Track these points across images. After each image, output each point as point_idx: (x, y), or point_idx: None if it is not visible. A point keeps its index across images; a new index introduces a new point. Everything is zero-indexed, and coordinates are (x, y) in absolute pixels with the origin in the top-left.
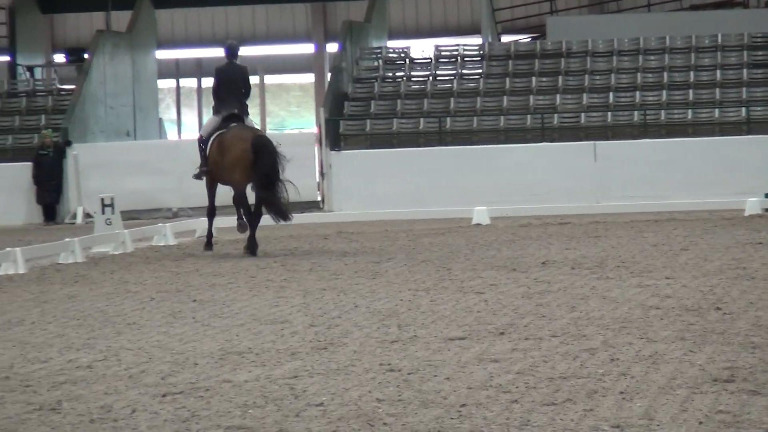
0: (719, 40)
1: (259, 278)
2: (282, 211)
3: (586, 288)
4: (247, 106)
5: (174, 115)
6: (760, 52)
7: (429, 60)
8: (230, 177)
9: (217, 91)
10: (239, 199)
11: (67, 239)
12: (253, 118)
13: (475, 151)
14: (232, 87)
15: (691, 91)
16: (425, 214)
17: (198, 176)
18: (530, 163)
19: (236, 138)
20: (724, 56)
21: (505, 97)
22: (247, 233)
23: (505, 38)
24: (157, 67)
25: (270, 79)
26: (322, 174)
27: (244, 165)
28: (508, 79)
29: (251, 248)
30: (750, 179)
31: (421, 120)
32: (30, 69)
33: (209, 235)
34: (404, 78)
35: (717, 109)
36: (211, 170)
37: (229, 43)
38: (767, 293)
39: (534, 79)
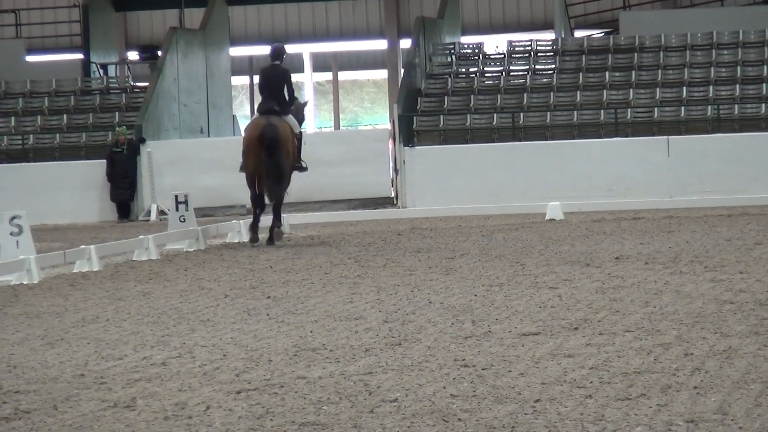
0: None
1: (333, 274)
2: (273, 188)
3: (659, 283)
4: (288, 105)
5: (248, 112)
6: None
7: (502, 55)
8: (246, 164)
9: (260, 90)
10: (253, 198)
11: (141, 236)
12: (305, 116)
13: (549, 147)
14: (271, 88)
15: (764, 85)
16: (499, 210)
17: (240, 168)
18: (603, 158)
19: (252, 126)
20: None
21: (578, 92)
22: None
23: (578, 33)
24: (230, 64)
25: (343, 76)
26: (396, 170)
27: (255, 152)
28: (581, 74)
29: (271, 239)
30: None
31: (495, 115)
32: (104, 67)
33: (253, 224)
34: (477, 73)
35: None
36: (243, 160)
37: (274, 46)
38: None
39: (607, 74)
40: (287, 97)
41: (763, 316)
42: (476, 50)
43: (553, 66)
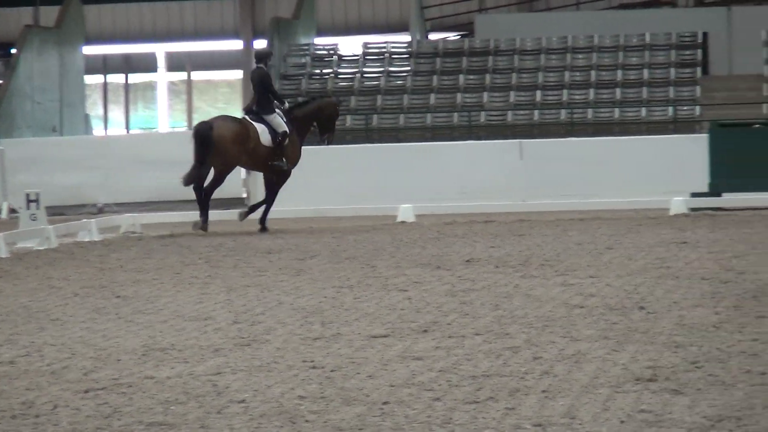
0: (647, 38)
1: (184, 274)
2: (187, 175)
3: (509, 286)
4: (272, 103)
5: (101, 111)
6: (688, 51)
7: (357, 57)
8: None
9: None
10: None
11: None
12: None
13: (402, 149)
14: (255, 89)
15: (618, 89)
16: (350, 212)
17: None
18: (456, 161)
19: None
20: (651, 55)
21: (432, 95)
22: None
23: (434, 36)
24: (84, 63)
25: (197, 76)
26: (248, 170)
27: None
28: (435, 77)
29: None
30: (676, 178)
31: (348, 117)
32: None
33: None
34: (332, 75)
35: (644, 108)
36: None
37: (257, 49)
38: (691, 293)
39: (461, 76)
40: (272, 98)
41: (613, 321)
42: (331, 51)
43: (408, 68)
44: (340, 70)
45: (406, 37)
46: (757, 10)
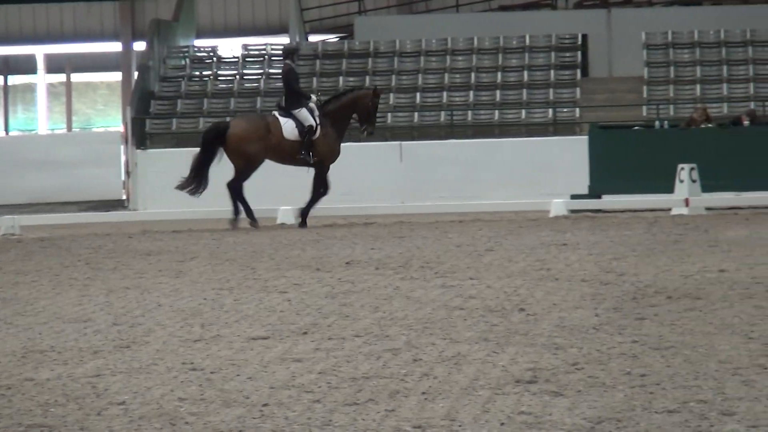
0: (527, 41)
1: (63, 276)
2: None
3: (390, 288)
4: (294, 99)
5: None
6: (568, 53)
7: (236, 59)
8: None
9: None
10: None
11: None
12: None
13: None
14: (283, 85)
15: (498, 91)
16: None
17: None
18: (336, 163)
19: None
20: (531, 57)
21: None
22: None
23: (313, 38)
24: None
25: (77, 78)
26: (127, 172)
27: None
28: (315, 79)
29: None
30: (556, 180)
31: (228, 119)
32: None
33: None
34: (211, 77)
35: (524, 110)
36: None
37: (283, 46)
38: (571, 295)
39: (341, 78)
40: (294, 94)
41: (493, 323)
42: (210, 53)
43: None
44: (219, 72)
45: (285, 39)
46: (637, 12)
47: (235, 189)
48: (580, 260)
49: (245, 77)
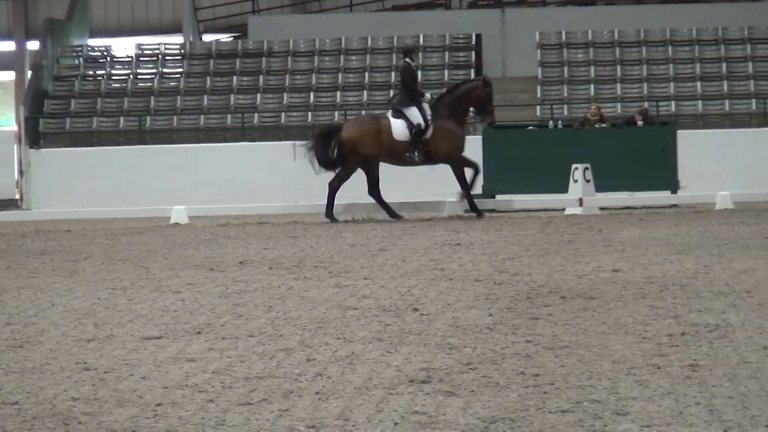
0: (421, 40)
1: None
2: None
3: (283, 288)
4: (411, 96)
5: None
6: (462, 53)
7: (130, 58)
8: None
9: None
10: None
11: None
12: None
13: (176, 150)
14: (401, 84)
15: (392, 91)
16: (124, 213)
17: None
18: (230, 163)
19: None
20: (425, 57)
21: (205, 96)
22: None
23: (207, 37)
24: None
25: None
26: (21, 172)
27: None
28: (209, 78)
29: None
30: (451, 180)
31: (122, 118)
32: None
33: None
34: (105, 76)
35: None
36: None
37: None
38: (464, 294)
39: (235, 78)
40: (409, 92)
41: (386, 322)
42: (104, 53)
43: (181, 70)
44: (113, 72)
45: (179, 39)
46: (531, 12)
47: (333, 188)
48: (474, 260)
49: (139, 77)
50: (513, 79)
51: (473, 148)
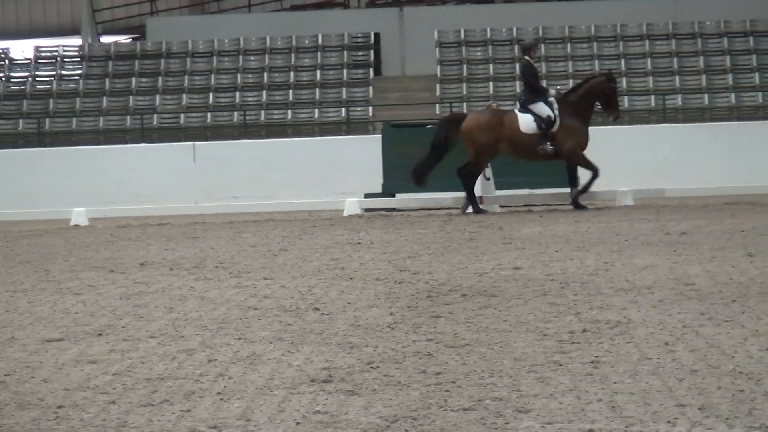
0: (320, 40)
1: None
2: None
3: (184, 289)
4: (532, 94)
5: None
6: (360, 52)
7: (28, 61)
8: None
9: None
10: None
11: None
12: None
13: (75, 152)
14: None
15: (291, 91)
16: (24, 216)
17: None
18: (130, 164)
19: None
20: (324, 56)
21: (104, 98)
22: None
23: (106, 39)
24: None
25: None
26: None
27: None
28: (107, 80)
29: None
30: (350, 179)
31: (21, 121)
32: None
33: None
34: (3, 79)
35: (317, 110)
36: None
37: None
38: (365, 293)
39: (134, 79)
40: (532, 89)
41: (288, 322)
42: (2, 55)
43: (80, 71)
44: (11, 74)
45: (78, 41)
46: (429, 10)
47: (466, 178)
48: (375, 259)
49: (37, 79)
50: (412, 78)
51: (372, 147)
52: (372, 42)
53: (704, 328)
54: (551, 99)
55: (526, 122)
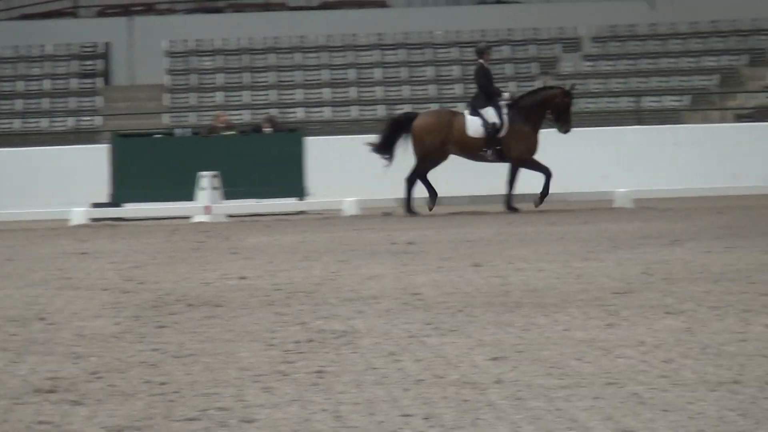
0: (49, 49)
1: None
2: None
3: None
4: (484, 97)
5: None
6: (89, 62)
7: None
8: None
9: None
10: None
11: None
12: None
13: None
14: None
15: (19, 100)
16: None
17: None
18: None
19: None
20: (53, 66)
21: None
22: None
23: None
24: None
25: None
26: None
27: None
28: None
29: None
30: (77, 189)
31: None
32: None
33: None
34: None
35: (45, 119)
36: None
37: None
38: (91, 303)
39: None
40: (484, 92)
41: (12, 332)
42: None
43: None
44: None
45: None
46: (158, 20)
47: (410, 180)
48: (101, 269)
49: None
50: (140, 87)
51: (100, 157)
52: (102, 51)
53: (430, 338)
54: (502, 103)
55: (473, 125)
